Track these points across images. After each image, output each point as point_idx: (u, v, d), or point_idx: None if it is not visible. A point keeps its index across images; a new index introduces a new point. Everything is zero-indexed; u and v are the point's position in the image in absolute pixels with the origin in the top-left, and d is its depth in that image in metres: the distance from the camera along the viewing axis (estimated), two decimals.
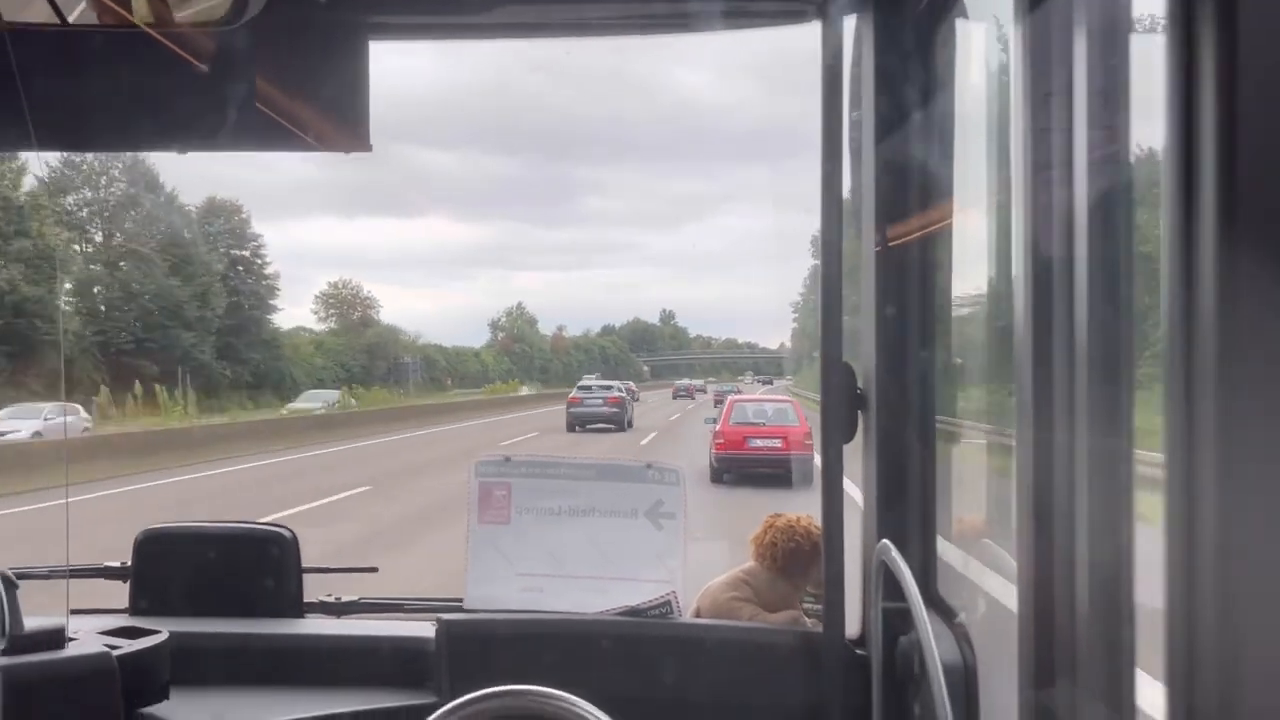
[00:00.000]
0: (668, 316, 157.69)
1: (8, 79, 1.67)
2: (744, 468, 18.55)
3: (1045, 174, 1.55)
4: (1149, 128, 1.40)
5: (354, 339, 71.87)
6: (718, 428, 19.99)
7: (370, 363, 68.09)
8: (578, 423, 33.18)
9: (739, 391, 59.84)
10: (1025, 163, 1.60)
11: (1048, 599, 1.54)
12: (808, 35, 2.58)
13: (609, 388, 37.45)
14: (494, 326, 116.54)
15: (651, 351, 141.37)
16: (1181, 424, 0.96)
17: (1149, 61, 1.38)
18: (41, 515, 12.61)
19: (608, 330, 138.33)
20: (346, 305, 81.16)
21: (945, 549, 2.53)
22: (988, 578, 2.35)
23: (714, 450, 19.58)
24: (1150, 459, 1.43)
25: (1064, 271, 1.51)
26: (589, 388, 37.51)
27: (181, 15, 2.02)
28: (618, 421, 33.59)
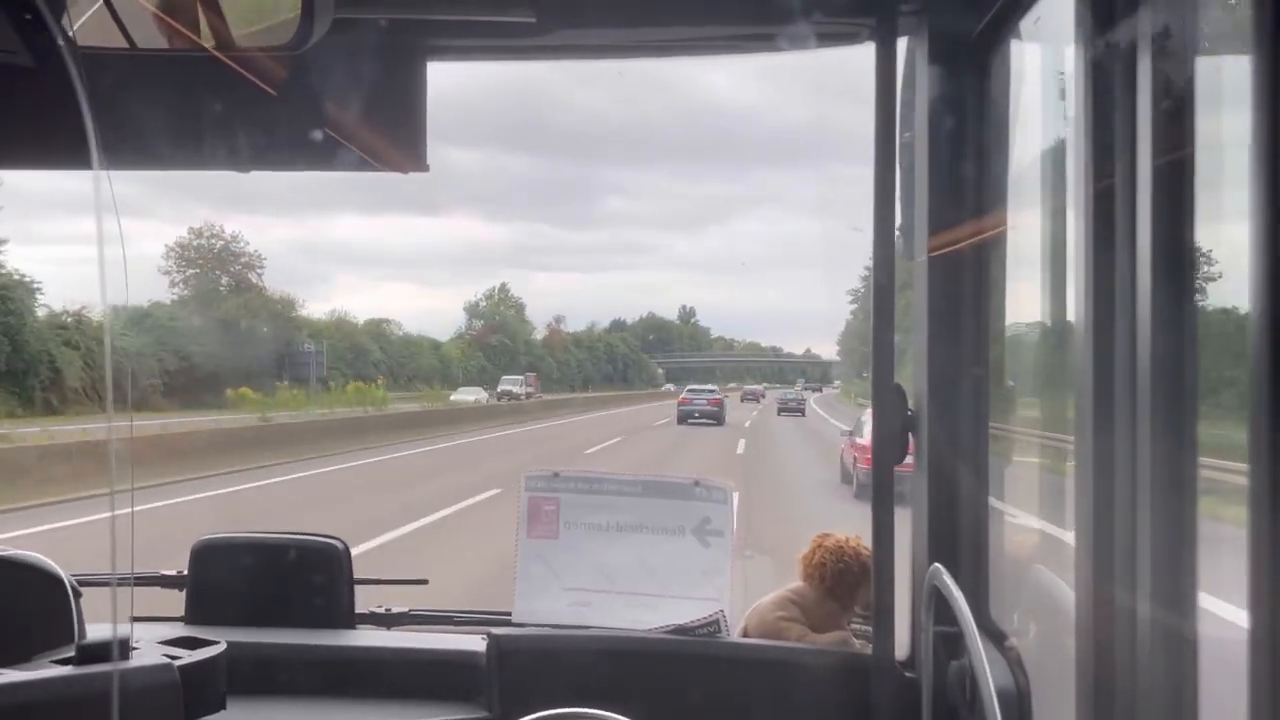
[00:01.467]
0: (687, 314, 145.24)
1: (79, 99, 1.71)
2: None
3: (1107, 192, 1.54)
4: (1214, 142, 1.39)
5: (211, 309, 48.51)
6: (863, 441, 18.61)
7: (234, 348, 45.72)
8: (686, 417, 43.03)
9: (803, 400, 60.10)
10: (1085, 182, 1.59)
11: (1107, 624, 1.52)
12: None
13: (711, 391, 48.20)
14: (470, 311, 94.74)
15: (667, 352, 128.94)
16: (1267, 436, 0.95)
17: (1215, 77, 1.38)
18: None
19: (618, 326, 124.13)
20: (213, 263, 54.57)
21: (998, 572, 2.51)
22: (1042, 603, 2.33)
23: (862, 466, 18.51)
24: (1215, 469, 1.42)
25: (1126, 289, 1.50)
26: (696, 390, 48.14)
27: (247, 41, 2.07)
28: (717, 418, 43.22)
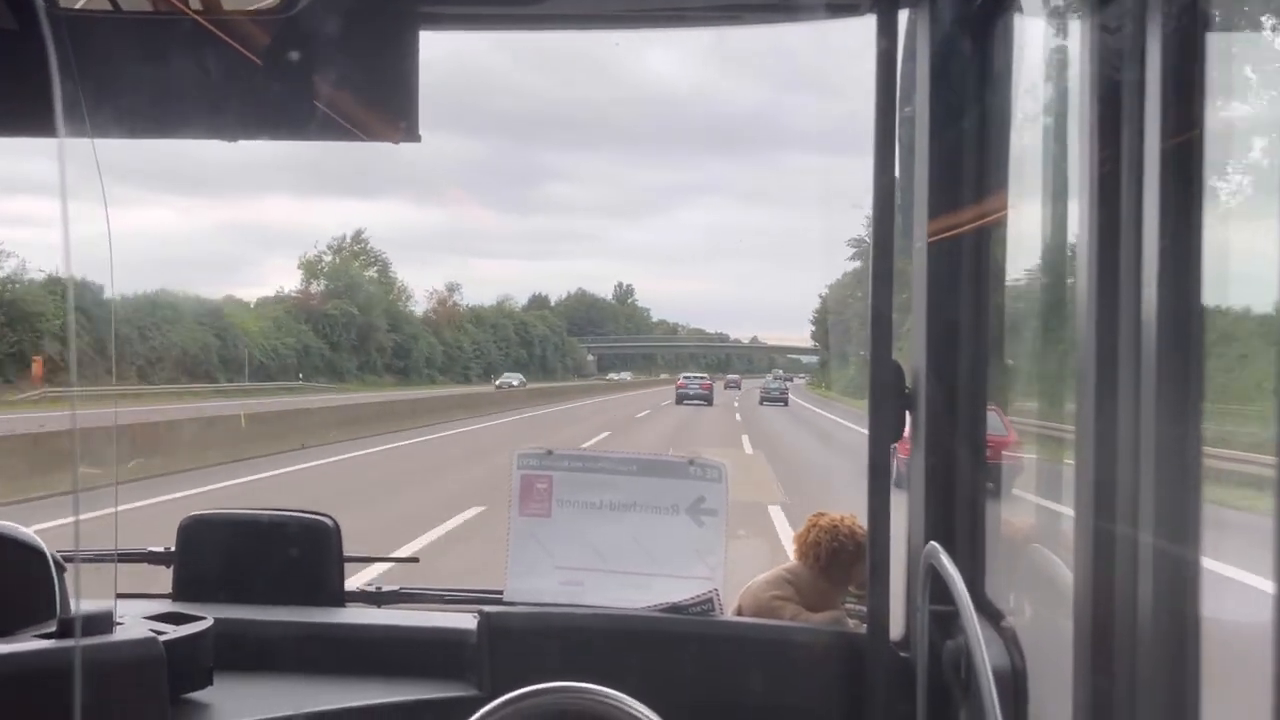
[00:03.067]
0: (624, 293, 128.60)
1: (64, 65, 1.67)
2: None
3: (1112, 170, 1.51)
4: (1225, 120, 1.36)
5: None
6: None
7: None
8: (682, 398, 53.79)
9: (785, 390, 61.54)
10: (1090, 158, 1.56)
11: (1106, 603, 1.50)
12: (791, 29, 2.61)
13: (703, 377, 60.21)
14: (307, 269, 65.44)
15: (600, 334, 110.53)
16: None
17: (1227, 51, 1.35)
18: None
19: (538, 303, 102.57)
20: None
21: (995, 552, 2.49)
22: (1039, 582, 2.31)
23: (900, 454, 19.14)
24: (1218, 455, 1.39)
25: (1131, 268, 1.47)
26: (691, 376, 59.54)
27: (234, 3, 2.02)
28: (707, 399, 54.27)
